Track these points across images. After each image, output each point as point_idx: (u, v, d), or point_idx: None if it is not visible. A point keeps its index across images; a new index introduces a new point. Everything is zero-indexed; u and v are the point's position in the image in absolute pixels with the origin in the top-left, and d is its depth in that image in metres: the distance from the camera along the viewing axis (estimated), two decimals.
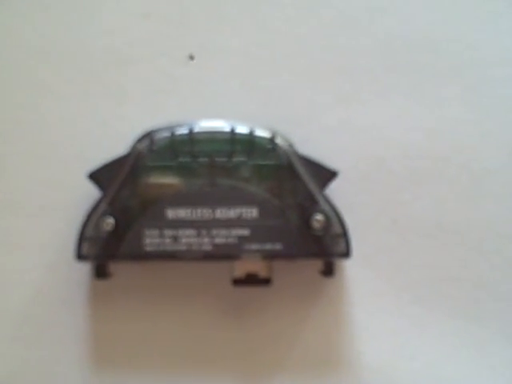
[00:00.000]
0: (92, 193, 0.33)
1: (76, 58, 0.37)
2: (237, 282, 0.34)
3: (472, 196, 0.36)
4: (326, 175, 0.34)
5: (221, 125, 0.34)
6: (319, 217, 0.33)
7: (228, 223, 0.33)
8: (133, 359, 0.36)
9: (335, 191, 0.34)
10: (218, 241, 0.33)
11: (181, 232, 0.33)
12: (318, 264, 0.34)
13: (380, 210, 0.36)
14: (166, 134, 0.33)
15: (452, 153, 0.36)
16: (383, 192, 0.36)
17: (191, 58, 0.37)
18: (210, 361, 0.36)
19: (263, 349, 0.36)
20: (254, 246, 0.33)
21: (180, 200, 0.33)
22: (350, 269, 0.36)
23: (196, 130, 0.33)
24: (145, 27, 0.37)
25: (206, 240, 0.33)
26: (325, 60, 0.36)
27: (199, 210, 0.33)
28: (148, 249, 0.33)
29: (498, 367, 0.36)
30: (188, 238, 0.33)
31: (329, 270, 0.34)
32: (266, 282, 0.34)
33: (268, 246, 0.33)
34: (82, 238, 0.33)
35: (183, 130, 0.33)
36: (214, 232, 0.33)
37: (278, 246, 0.33)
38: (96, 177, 0.33)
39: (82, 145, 0.36)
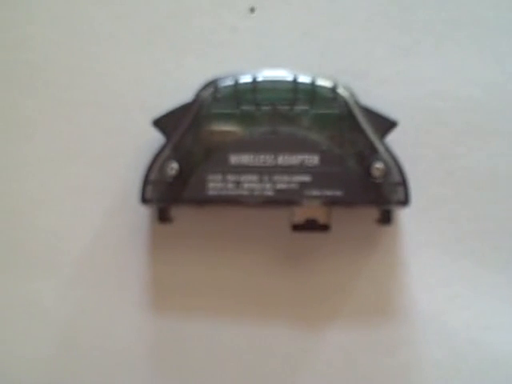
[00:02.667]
0: (156, 139, 0.34)
1: (139, 9, 0.37)
2: (296, 227, 0.35)
3: None
4: (385, 125, 0.34)
5: (283, 74, 0.34)
6: (379, 165, 0.33)
7: (289, 169, 0.33)
8: (191, 304, 0.37)
9: (393, 143, 0.35)
10: (279, 186, 0.33)
11: (243, 177, 0.33)
12: (376, 213, 0.35)
13: (436, 161, 0.36)
14: (230, 82, 0.34)
15: (507, 107, 0.36)
16: (439, 144, 0.36)
17: (252, 10, 0.37)
18: (266, 307, 0.36)
19: (319, 296, 0.36)
20: (315, 192, 0.33)
21: (242, 146, 0.33)
22: (406, 219, 0.36)
23: (259, 78, 0.34)
24: None
25: (268, 185, 0.33)
26: (383, 13, 0.37)
27: (261, 156, 0.33)
28: (211, 193, 0.33)
29: None
30: (250, 183, 0.33)
31: (386, 218, 0.34)
32: (324, 228, 0.34)
33: (328, 193, 0.33)
34: (146, 181, 0.34)
35: (246, 79, 0.34)
36: (276, 178, 0.33)
37: (338, 193, 0.33)
38: (160, 123, 0.34)
39: (145, 93, 0.37)
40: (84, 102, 0.37)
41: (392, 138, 0.34)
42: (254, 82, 0.34)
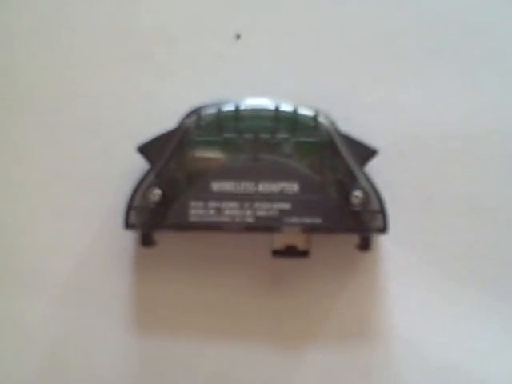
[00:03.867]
0: (140, 165, 0.35)
1: (126, 37, 0.38)
2: (276, 253, 0.35)
3: (506, 177, 0.37)
4: (366, 153, 0.35)
5: (266, 102, 0.35)
6: (358, 193, 0.34)
7: (270, 197, 0.34)
8: (174, 326, 0.37)
9: (374, 169, 0.35)
10: (259, 213, 0.34)
11: (224, 204, 0.34)
12: (355, 239, 0.35)
13: (417, 187, 0.37)
14: (213, 110, 0.35)
15: (488, 134, 0.37)
16: (420, 170, 0.37)
17: (238, 37, 0.38)
18: (247, 328, 0.37)
19: (299, 319, 0.37)
20: (294, 220, 0.34)
21: (224, 174, 0.34)
22: (386, 244, 0.37)
23: (242, 107, 0.35)
24: (193, 6, 0.38)
25: (249, 212, 0.34)
26: (365, 41, 0.37)
27: (243, 184, 0.34)
28: (193, 219, 0.34)
29: None
30: (231, 210, 0.34)
31: (365, 245, 0.35)
32: (304, 254, 0.35)
33: (308, 220, 0.34)
34: (130, 207, 0.34)
35: (229, 107, 0.35)
36: (257, 205, 0.34)
37: (317, 220, 0.34)
38: (145, 150, 0.35)
39: (131, 120, 0.38)
40: (70, 127, 0.38)
41: (373, 164, 0.35)
42: (237, 110, 0.34)
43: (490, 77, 0.37)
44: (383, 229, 0.34)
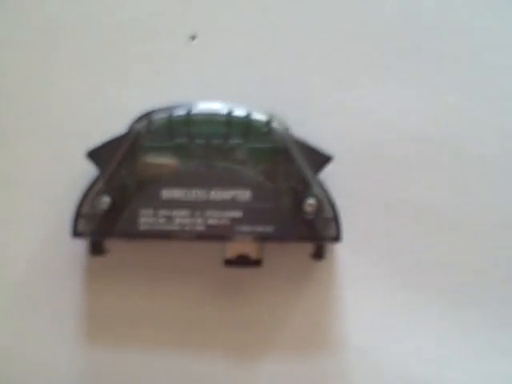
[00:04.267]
0: (90, 171, 0.34)
1: (78, 36, 0.37)
2: (228, 262, 0.35)
3: (465, 183, 0.36)
4: (320, 159, 0.34)
5: (218, 107, 0.34)
6: (311, 201, 0.33)
7: (221, 205, 0.33)
8: (125, 335, 0.37)
9: (329, 175, 0.35)
10: (210, 222, 0.33)
11: (175, 212, 0.33)
12: (309, 247, 0.35)
13: (373, 194, 0.36)
14: (164, 115, 0.34)
15: (447, 139, 0.37)
16: (377, 177, 0.37)
17: (193, 38, 0.37)
18: (200, 338, 0.37)
19: (252, 328, 0.36)
20: (246, 228, 0.33)
21: (175, 180, 0.33)
22: (341, 252, 0.36)
23: (193, 111, 0.34)
24: (148, 6, 0.37)
25: (200, 221, 0.33)
26: (323, 44, 0.37)
27: (194, 191, 0.33)
28: (142, 228, 0.33)
29: (482, 351, 0.36)
30: (182, 218, 0.33)
31: (319, 254, 0.35)
32: (256, 263, 0.35)
33: (260, 229, 0.33)
34: (78, 215, 0.34)
35: (181, 112, 0.34)
36: (208, 213, 0.33)
37: (269, 229, 0.33)
38: (94, 155, 0.34)
39: (81, 123, 0.37)
40: (19, 130, 0.37)
41: (329, 170, 0.34)
42: (188, 115, 0.34)
43: (448, 81, 0.37)
44: (336, 237, 0.34)
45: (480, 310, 0.36)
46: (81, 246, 0.36)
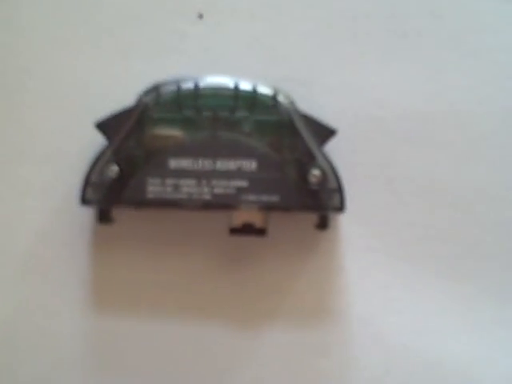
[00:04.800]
0: (98, 142, 0.35)
1: (89, 12, 0.38)
2: (233, 231, 0.35)
3: (465, 159, 0.37)
4: (324, 133, 0.35)
5: (225, 81, 0.35)
6: (316, 172, 0.34)
7: (227, 174, 0.34)
8: (130, 304, 0.37)
9: (333, 149, 0.35)
10: (217, 191, 0.34)
11: (182, 181, 0.34)
12: (313, 218, 0.35)
13: (376, 169, 0.37)
14: (172, 87, 0.35)
15: (448, 116, 0.37)
16: (380, 152, 0.37)
17: (200, 16, 0.38)
18: (204, 307, 0.37)
19: (256, 297, 0.37)
20: (252, 197, 0.34)
21: (182, 151, 0.34)
22: (344, 224, 0.37)
23: (201, 84, 0.35)
24: None
25: (206, 189, 0.34)
26: (328, 22, 0.37)
27: (200, 161, 0.34)
28: (150, 196, 0.34)
29: (481, 324, 0.37)
30: (188, 187, 0.34)
31: (323, 224, 0.35)
32: (261, 232, 0.35)
33: (265, 198, 0.34)
34: (86, 183, 0.34)
35: (189, 85, 0.35)
36: (214, 182, 0.34)
37: (274, 198, 0.34)
38: (103, 126, 0.35)
39: (90, 96, 0.37)
40: (28, 103, 0.38)
41: (333, 145, 0.35)
42: (196, 88, 0.34)
43: (450, 59, 0.37)
44: (340, 207, 0.34)
45: (481, 282, 0.37)
46: (88, 215, 0.37)
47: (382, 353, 0.37)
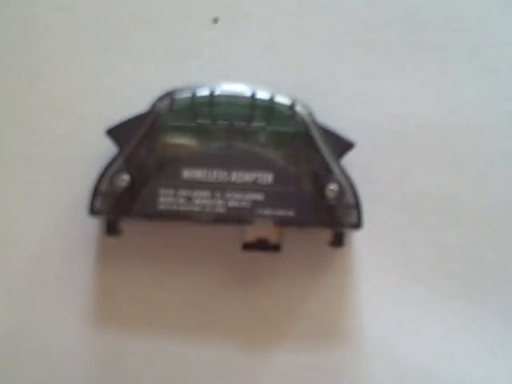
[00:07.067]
0: (109, 149, 0.33)
1: (102, 16, 0.37)
2: (247, 246, 0.34)
3: (484, 176, 0.36)
4: (342, 146, 0.34)
5: (242, 89, 0.34)
6: (333, 186, 0.33)
7: (242, 187, 0.33)
8: (137, 318, 0.36)
9: (349, 163, 0.34)
10: (231, 204, 0.33)
11: (195, 193, 0.33)
12: (328, 234, 0.34)
13: (392, 184, 0.36)
14: (187, 94, 0.33)
15: (467, 132, 0.36)
16: (397, 167, 0.36)
17: (215, 21, 0.37)
18: (213, 324, 0.36)
19: (267, 315, 0.36)
20: (267, 212, 0.33)
21: (196, 161, 0.33)
22: (359, 242, 0.36)
23: (217, 92, 0.33)
24: None
25: (220, 202, 0.33)
26: (348, 32, 0.37)
27: (215, 172, 0.33)
28: (161, 208, 0.33)
29: (494, 348, 0.36)
30: (202, 199, 0.33)
31: (338, 241, 0.34)
32: (276, 248, 0.34)
33: (280, 212, 0.33)
34: (95, 193, 0.33)
35: (204, 92, 0.33)
36: (228, 195, 0.33)
37: (290, 213, 0.33)
38: (114, 133, 0.33)
39: (102, 101, 0.36)
40: (37, 108, 0.36)
41: (349, 159, 0.34)
42: (212, 95, 0.33)
43: (469, 72, 0.36)
44: (357, 224, 0.33)
45: (496, 303, 0.36)
46: (95, 226, 0.35)
47: (395, 374, 0.36)
